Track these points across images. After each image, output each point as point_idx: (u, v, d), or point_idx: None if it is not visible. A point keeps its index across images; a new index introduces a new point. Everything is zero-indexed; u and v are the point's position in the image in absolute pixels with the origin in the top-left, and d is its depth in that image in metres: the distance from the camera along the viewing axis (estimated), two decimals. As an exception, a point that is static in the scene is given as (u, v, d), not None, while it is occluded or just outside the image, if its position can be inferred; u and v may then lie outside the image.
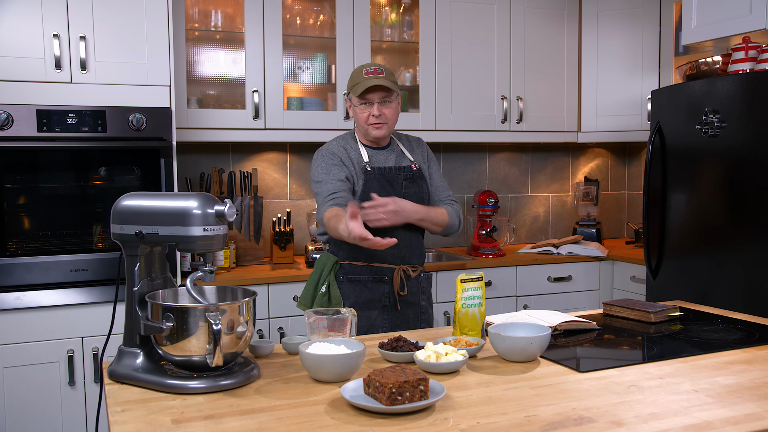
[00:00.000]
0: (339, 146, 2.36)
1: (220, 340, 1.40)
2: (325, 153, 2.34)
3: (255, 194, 3.42)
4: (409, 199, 2.30)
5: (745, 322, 2.05)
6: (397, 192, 2.32)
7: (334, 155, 2.33)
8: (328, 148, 2.36)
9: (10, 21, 2.64)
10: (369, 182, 2.31)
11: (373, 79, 2.25)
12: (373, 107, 2.28)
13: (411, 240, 2.37)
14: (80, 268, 2.75)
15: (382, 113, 2.28)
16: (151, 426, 1.25)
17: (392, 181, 2.34)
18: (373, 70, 2.27)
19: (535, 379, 1.50)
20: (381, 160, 2.37)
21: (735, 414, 1.28)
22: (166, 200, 1.55)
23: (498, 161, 4.17)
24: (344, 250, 2.35)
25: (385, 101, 2.29)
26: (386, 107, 2.29)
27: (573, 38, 3.91)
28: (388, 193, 2.29)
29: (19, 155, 2.69)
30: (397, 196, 2.26)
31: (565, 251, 3.69)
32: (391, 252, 2.27)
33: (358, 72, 2.31)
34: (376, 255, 2.29)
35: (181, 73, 3.12)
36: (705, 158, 2.94)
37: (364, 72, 2.28)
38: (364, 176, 2.32)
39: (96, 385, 2.76)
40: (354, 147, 2.38)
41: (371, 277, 2.33)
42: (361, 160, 2.34)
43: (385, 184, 2.32)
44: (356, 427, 1.23)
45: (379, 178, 2.33)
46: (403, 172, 2.37)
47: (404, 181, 2.36)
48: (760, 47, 2.90)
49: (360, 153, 2.36)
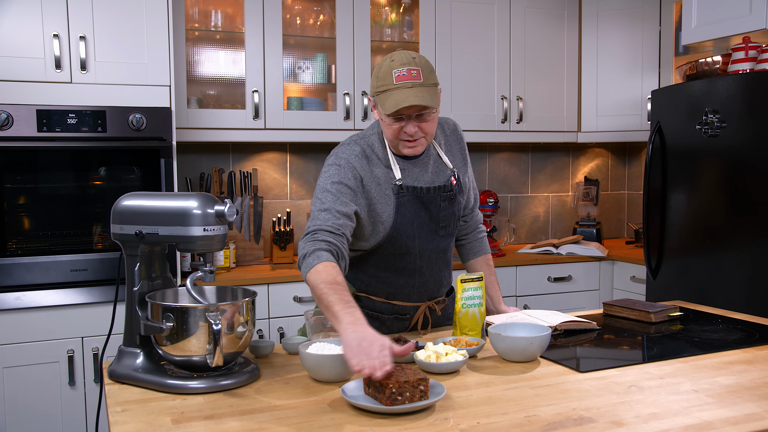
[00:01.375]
0: (361, 157, 1.82)
1: (220, 340, 1.40)
2: (343, 165, 1.79)
3: (255, 194, 3.42)
4: (446, 224, 1.90)
5: (745, 322, 2.05)
6: (433, 216, 1.87)
7: (356, 176, 1.79)
8: (348, 160, 1.80)
9: (10, 21, 2.64)
10: (401, 208, 1.82)
11: (408, 90, 1.69)
12: (407, 124, 1.74)
13: (442, 273, 1.95)
14: (80, 268, 2.75)
15: (418, 129, 1.75)
16: (151, 426, 1.25)
17: (428, 204, 1.86)
18: (407, 74, 1.70)
19: (535, 379, 1.50)
20: (415, 176, 1.86)
21: (735, 414, 1.28)
22: (166, 200, 1.55)
23: (498, 161, 4.17)
24: (362, 282, 1.92)
25: (422, 114, 1.73)
26: (423, 121, 1.74)
27: (573, 38, 3.91)
28: (423, 220, 1.85)
29: (19, 155, 2.69)
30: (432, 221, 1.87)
31: (565, 251, 3.69)
32: (418, 291, 1.91)
33: (386, 73, 1.72)
34: (400, 294, 1.90)
35: (181, 73, 3.12)
36: (705, 158, 2.94)
37: (394, 75, 1.70)
38: (396, 201, 1.81)
39: (96, 385, 2.76)
40: (383, 156, 1.84)
41: (391, 316, 1.92)
42: (391, 176, 1.83)
43: (419, 208, 1.84)
44: (356, 427, 1.23)
45: (413, 201, 1.83)
46: (442, 192, 1.87)
47: (442, 202, 1.88)
48: (760, 47, 2.90)
49: (390, 165, 1.83)
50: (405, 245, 1.84)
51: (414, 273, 1.89)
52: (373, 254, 1.86)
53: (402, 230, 1.82)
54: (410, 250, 1.85)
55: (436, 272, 1.93)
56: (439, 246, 1.91)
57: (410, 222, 1.83)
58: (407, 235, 1.83)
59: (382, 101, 1.73)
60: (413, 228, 1.84)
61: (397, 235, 1.82)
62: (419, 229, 1.85)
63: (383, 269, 1.88)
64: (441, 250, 1.92)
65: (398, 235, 1.82)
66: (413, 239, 1.84)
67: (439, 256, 1.92)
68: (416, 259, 1.87)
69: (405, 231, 1.83)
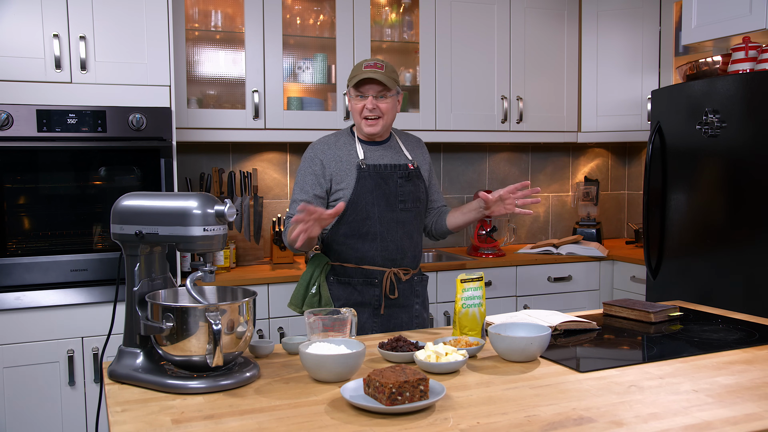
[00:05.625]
0: (329, 145, 2.31)
1: (220, 340, 1.40)
2: (308, 157, 2.30)
3: (255, 194, 3.42)
4: (405, 198, 2.29)
5: (745, 322, 2.05)
6: (391, 190, 2.28)
7: (315, 161, 2.28)
8: (314, 151, 2.30)
9: (10, 21, 2.64)
10: (362, 180, 2.25)
11: (370, 72, 2.20)
12: (368, 100, 2.23)
13: (403, 242, 2.30)
14: (80, 268, 2.75)
15: (376, 107, 2.23)
16: (151, 426, 1.25)
17: (387, 179, 2.28)
18: (374, 65, 2.23)
19: (535, 379, 1.50)
20: (376, 157, 2.31)
21: (735, 414, 1.28)
22: (166, 200, 1.55)
23: (498, 161, 4.17)
24: (335, 251, 2.31)
25: (381, 96, 2.24)
26: (381, 102, 2.24)
27: (573, 38, 3.91)
28: (382, 191, 2.26)
29: (19, 155, 2.69)
30: (390, 194, 2.26)
31: (565, 251, 3.69)
32: (382, 254, 2.26)
33: (359, 65, 2.26)
34: (366, 257, 2.26)
35: (181, 73, 3.12)
36: (705, 158, 2.94)
37: (364, 65, 2.24)
38: (357, 174, 2.25)
39: (96, 385, 2.76)
40: (349, 143, 2.31)
41: (361, 280, 2.28)
42: (356, 158, 2.28)
43: (380, 182, 2.27)
44: (356, 427, 1.23)
45: (373, 176, 2.26)
46: (399, 170, 2.31)
47: (399, 179, 2.30)
48: (760, 47, 2.90)
49: (356, 150, 2.30)
50: (365, 210, 2.24)
51: (375, 237, 2.26)
52: (342, 222, 2.25)
53: (362, 197, 2.24)
54: (370, 215, 2.25)
55: (397, 240, 2.29)
56: (398, 218, 2.29)
57: (370, 191, 2.25)
58: (366, 201, 2.24)
59: (351, 81, 2.25)
60: (373, 196, 2.25)
61: (358, 200, 2.23)
62: (378, 198, 2.26)
63: (350, 236, 2.26)
64: (400, 221, 2.29)
65: (358, 201, 2.24)
66: (372, 206, 2.25)
67: (399, 226, 2.29)
68: (376, 224, 2.25)
69: (364, 198, 2.24)
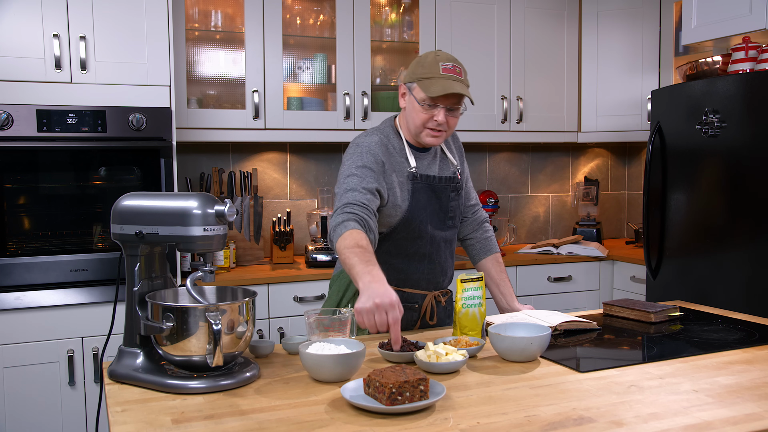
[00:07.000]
0: (380, 145, 1.96)
1: (220, 340, 1.40)
2: (364, 152, 1.93)
3: (255, 194, 3.42)
4: (453, 215, 2.06)
5: (745, 322, 2.05)
6: (443, 205, 2.03)
7: (378, 160, 1.93)
8: (369, 147, 1.94)
9: (10, 21, 2.64)
10: (416, 193, 1.97)
11: (454, 82, 1.88)
12: (439, 113, 1.90)
13: (447, 262, 2.07)
14: (80, 268, 2.75)
15: (446, 122, 1.93)
16: (151, 426, 1.25)
17: (439, 194, 2.02)
18: (452, 68, 1.90)
19: (535, 379, 1.50)
20: (425, 166, 2.03)
21: (735, 414, 1.28)
22: (166, 200, 1.54)
23: (498, 161, 4.17)
24: None
25: (453, 109, 1.93)
26: (453, 116, 1.93)
27: (573, 38, 3.91)
28: (434, 207, 2.01)
29: (19, 155, 2.69)
30: (441, 210, 2.03)
31: (565, 251, 3.69)
32: (427, 277, 2.04)
33: (432, 63, 1.90)
34: (410, 280, 2.02)
35: (181, 73, 3.12)
36: (705, 158, 2.94)
37: (441, 67, 1.89)
38: (411, 186, 1.97)
39: (96, 385, 2.76)
40: (398, 147, 2.00)
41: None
42: (406, 165, 1.99)
43: (432, 196, 2.01)
44: (356, 427, 1.23)
45: (426, 189, 1.99)
46: (451, 183, 2.05)
47: (451, 193, 2.05)
48: (760, 47, 2.90)
49: (406, 155, 2.00)
50: (418, 229, 1.98)
51: (423, 258, 2.02)
52: (387, 239, 1.98)
53: (416, 214, 1.97)
54: (422, 235, 1.99)
55: (443, 261, 2.06)
56: (446, 236, 2.06)
57: (423, 207, 1.98)
58: (420, 219, 1.97)
59: (426, 86, 1.88)
60: (426, 213, 1.99)
61: (412, 218, 1.96)
62: (431, 216, 2.00)
63: (395, 255, 1.99)
64: (447, 240, 2.07)
65: (413, 219, 1.96)
66: (425, 224, 1.98)
67: (446, 245, 2.07)
68: (426, 244, 2.00)
69: (419, 215, 1.97)
